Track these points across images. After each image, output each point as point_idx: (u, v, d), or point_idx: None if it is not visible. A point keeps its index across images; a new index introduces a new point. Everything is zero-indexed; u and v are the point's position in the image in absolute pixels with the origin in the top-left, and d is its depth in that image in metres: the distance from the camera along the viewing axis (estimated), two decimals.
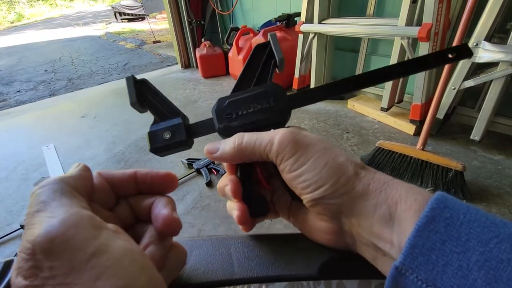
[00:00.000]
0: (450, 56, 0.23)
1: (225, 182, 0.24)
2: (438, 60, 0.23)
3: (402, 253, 0.15)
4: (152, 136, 0.24)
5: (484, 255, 0.14)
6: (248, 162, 0.22)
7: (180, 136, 0.23)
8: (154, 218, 0.20)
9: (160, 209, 0.20)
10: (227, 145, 0.22)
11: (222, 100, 0.24)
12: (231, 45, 2.54)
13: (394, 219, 0.17)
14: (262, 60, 0.25)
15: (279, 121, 0.23)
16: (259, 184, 0.25)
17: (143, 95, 0.24)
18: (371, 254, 0.19)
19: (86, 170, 0.19)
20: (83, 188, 0.18)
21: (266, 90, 0.24)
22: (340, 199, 0.19)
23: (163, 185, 0.22)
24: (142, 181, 0.21)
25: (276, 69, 0.25)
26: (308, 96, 0.24)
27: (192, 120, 0.26)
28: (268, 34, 0.26)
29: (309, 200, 0.20)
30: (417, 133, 1.54)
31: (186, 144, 0.23)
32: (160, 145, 0.23)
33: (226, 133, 0.24)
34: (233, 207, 0.24)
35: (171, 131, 0.23)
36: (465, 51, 0.23)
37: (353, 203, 0.18)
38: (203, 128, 0.25)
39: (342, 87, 0.24)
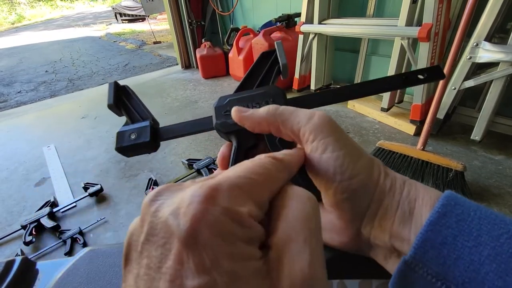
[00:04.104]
0: (420, 77, 0.23)
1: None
2: (410, 80, 0.23)
3: (413, 246, 0.15)
4: (120, 136, 0.24)
5: (495, 250, 0.14)
6: (272, 133, 0.21)
7: (145, 137, 0.24)
8: None
9: None
10: (260, 109, 0.21)
11: (223, 98, 0.25)
12: (231, 45, 2.54)
13: (413, 215, 0.17)
14: (267, 66, 0.26)
15: None
16: None
17: (121, 98, 0.26)
18: (385, 256, 0.19)
19: None
20: None
21: (266, 91, 0.24)
22: (371, 195, 0.18)
23: None
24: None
25: (280, 76, 0.26)
26: (306, 100, 0.25)
27: None
28: (275, 42, 0.27)
29: (341, 191, 0.18)
30: (418, 133, 1.54)
31: (150, 146, 0.24)
32: (125, 144, 0.24)
33: (223, 130, 0.24)
34: None
35: (137, 132, 0.24)
36: (436, 73, 0.23)
37: (381, 198, 0.18)
38: (170, 132, 0.25)
39: (338, 95, 0.25)
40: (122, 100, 0.26)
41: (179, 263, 0.10)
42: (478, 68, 1.29)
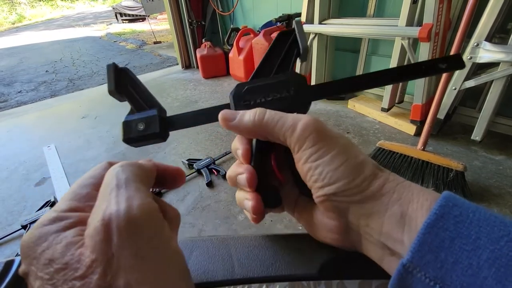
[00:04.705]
0: (441, 66, 0.22)
1: (239, 170, 0.23)
2: (429, 69, 0.22)
3: (410, 250, 0.15)
4: (126, 126, 0.23)
5: (494, 253, 0.13)
6: (262, 140, 0.22)
7: (154, 128, 0.22)
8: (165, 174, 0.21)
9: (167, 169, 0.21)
10: (246, 117, 0.21)
11: (241, 86, 0.23)
12: (231, 45, 2.54)
13: (405, 218, 0.16)
14: (285, 48, 0.25)
15: (298, 112, 0.23)
16: (271, 175, 0.25)
17: (122, 84, 0.23)
18: (378, 254, 0.19)
19: (155, 165, 0.20)
20: (151, 181, 0.19)
21: (287, 79, 0.23)
22: (351, 198, 0.18)
23: (175, 178, 0.22)
24: (158, 173, 0.21)
25: (299, 58, 0.24)
26: (329, 88, 0.23)
27: None
28: (294, 20, 0.24)
29: (320, 195, 0.19)
30: (418, 133, 1.54)
31: (160, 136, 0.23)
32: (133, 135, 0.23)
33: None
34: (246, 197, 0.23)
35: (145, 122, 0.22)
36: (457, 62, 0.22)
37: (364, 203, 0.18)
38: (181, 121, 0.24)
39: (357, 83, 0.23)
40: (124, 85, 0.23)
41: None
42: (478, 68, 1.28)
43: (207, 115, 0.24)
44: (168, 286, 0.14)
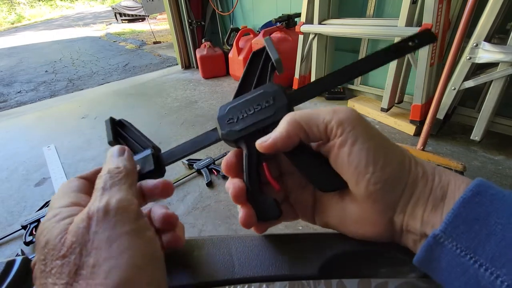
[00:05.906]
0: (411, 44, 0.22)
1: (227, 186, 0.23)
2: (401, 50, 0.22)
3: (444, 221, 0.16)
4: None
5: None
6: (302, 140, 0.21)
7: (149, 166, 0.24)
8: (157, 220, 0.22)
9: (157, 211, 0.23)
10: (278, 129, 0.21)
11: (223, 108, 0.24)
12: (231, 45, 2.54)
13: (445, 200, 0.17)
14: (260, 66, 0.26)
15: (281, 118, 0.23)
16: (268, 185, 0.24)
17: (119, 133, 0.27)
18: (415, 240, 0.19)
19: (130, 161, 0.22)
20: (134, 178, 0.21)
21: (264, 91, 0.24)
22: (404, 183, 0.18)
23: (162, 192, 0.23)
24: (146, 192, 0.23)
25: (276, 71, 0.26)
26: (306, 91, 0.24)
27: (191, 120, 0.26)
28: (264, 39, 0.26)
29: (376, 182, 0.18)
30: (417, 133, 1.54)
31: (156, 173, 0.25)
32: None
33: (230, 138, 0.23)
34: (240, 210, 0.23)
35: (142, 162, 0.25)
36: (427, 37, 0.22)
37: (414, 186, 0.18)
38: (173, 155, 0.26)
39: (336, 78, 0.24)
40: (121, 133, 0.27)
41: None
42: (477, 69, 1.29)
43: (197, 144, 0.26)
44: (133, 266, 0.15)
